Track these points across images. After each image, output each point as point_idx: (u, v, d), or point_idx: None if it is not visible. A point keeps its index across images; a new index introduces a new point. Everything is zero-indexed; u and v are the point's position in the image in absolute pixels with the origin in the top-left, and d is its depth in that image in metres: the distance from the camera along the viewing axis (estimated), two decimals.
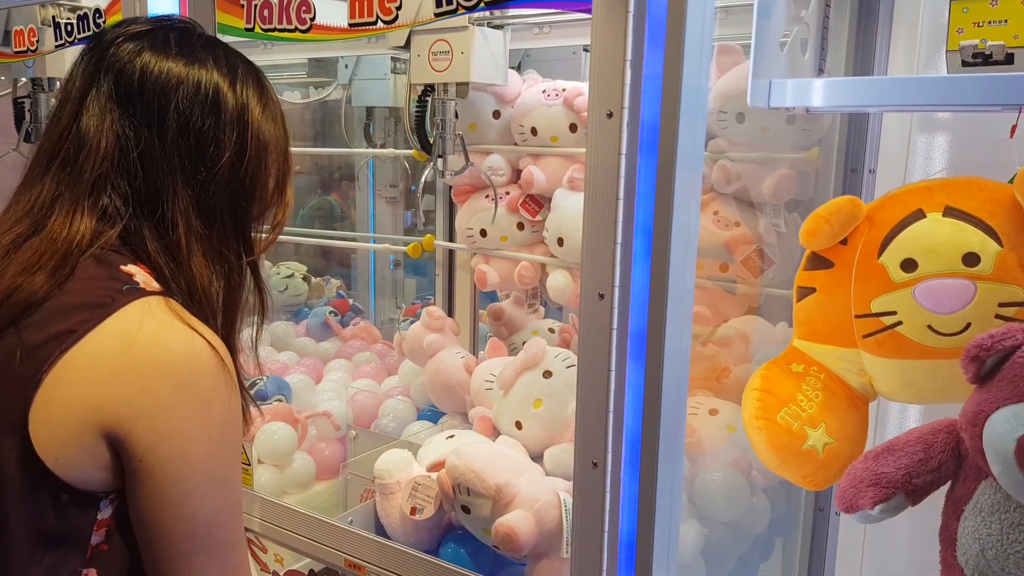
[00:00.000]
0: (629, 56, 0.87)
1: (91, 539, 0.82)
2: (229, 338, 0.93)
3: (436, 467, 1.28)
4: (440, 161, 1.48)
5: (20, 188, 0.89)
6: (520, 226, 1.74)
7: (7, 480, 0.78)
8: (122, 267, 0.84)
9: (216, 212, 0.90)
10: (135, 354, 0.79)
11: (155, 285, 0.85)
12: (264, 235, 1.00)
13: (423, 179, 1.61)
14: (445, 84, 1.37)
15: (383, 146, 2.55)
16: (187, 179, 0.87)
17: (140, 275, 0.85)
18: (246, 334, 0.99)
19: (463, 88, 1.39)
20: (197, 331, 0.82)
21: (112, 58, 0.88)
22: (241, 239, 0.94)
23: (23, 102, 1.82)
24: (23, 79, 1.84)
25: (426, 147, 1.49)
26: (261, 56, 1.98)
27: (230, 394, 0.84)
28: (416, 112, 1.45)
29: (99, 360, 0.78)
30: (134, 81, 0.87)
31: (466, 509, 1.20)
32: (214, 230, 0.90)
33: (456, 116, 1.46)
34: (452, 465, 1.20)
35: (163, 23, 0.92)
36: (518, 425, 1.41)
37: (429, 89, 1.42)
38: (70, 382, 0.78)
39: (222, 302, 0.92)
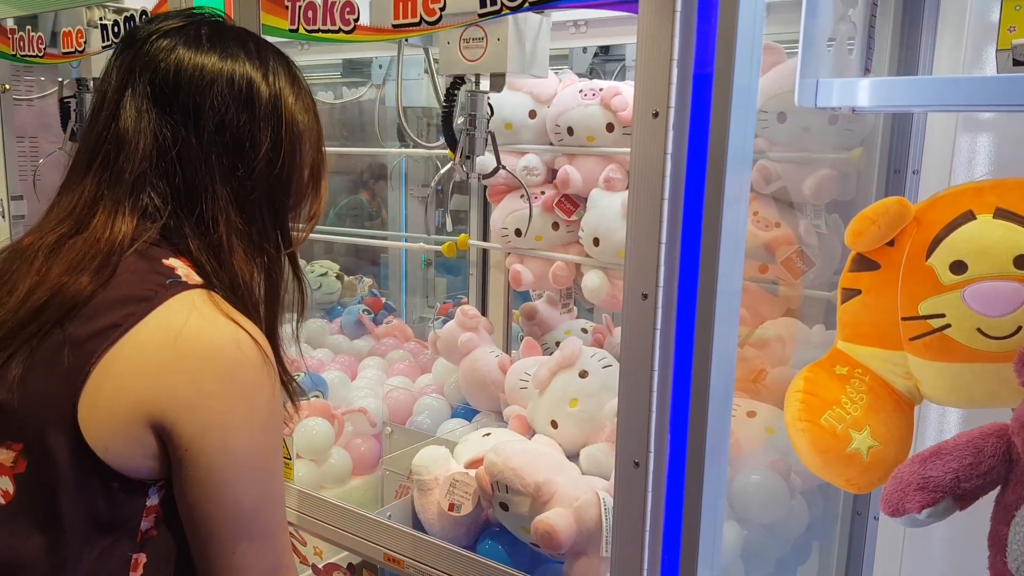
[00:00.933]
0: (676, 55, 0.87)
1: (141, 525, 0.84)
2: (271, 331, 0.94)
3: (474, 464, 1.28)
4: (467, 162, 1.36)
5: (62, 189, 0.91)
6: (555, 226, 1.74)
7: (60, 470, 0.80)
8: (164, 261, 0.86)
9: (255, 207, 0.90)
10: (180, 347, 0.80)
11: (196, 278, 0.86)
12: (301, 227, 1.00)
13: (436, 178, 1.48)
14: (478, 75, 1.23)
15: (415, 146, 2.56)
16: (225, 176, 0.88)
17: (182, 268, 0.86)
18: (287, 327, 1.00)
19: (498, 80, 1.23)
20: (240, 324, 0.84)
21: (146, 57, 0.88)
22: (279, 232, 0.95)
23: (68, 102, 1.86)
24: (67, 79, 1.88)
25: (454, 146, 1.37)
26: (296, 56, 2.01)
27: (272, 386, 0.85)
28: (444, 108, 1.33)
29: (145, 353, 0.80)
30: (168, 79, 0.87)
31: (504, 506, 1.20)
32: (254, 226, 0.91)
33: (491, 112, 1.33)
34: (491, 462, 1.21)
35: (195, 18, 0.92)
36: (554, 424, 1.41)
37: (459, 81, 1.28)
38: (117, 374, 0.80)
39: (263, 295, 0.93)
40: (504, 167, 1.45)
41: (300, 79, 0.95)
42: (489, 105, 1.33)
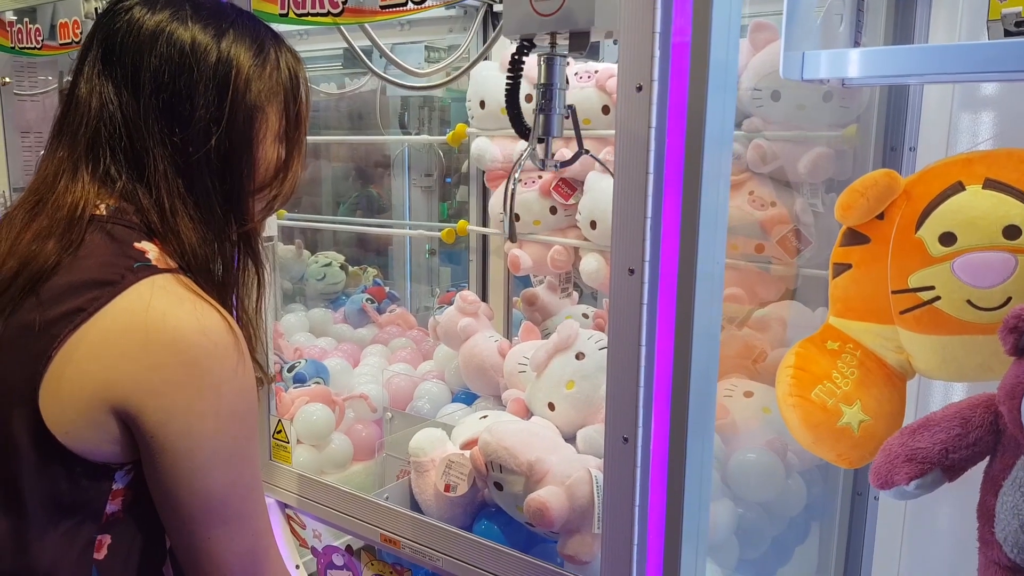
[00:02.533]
0: (658, 28, 0.87)
1: (106, 508, 0.84)
2: (229, 308, 0.91)
3: (469, 445, 1.29)
4: (540, 146, 1.11)
5: (43, 155, 0.91)
6: (553, 210, 1.74)
7: (20, 453, 0.80)
8: (135, 244, 0.84)
9: (197, 175, 0.87)
10: (144, 334, 0.79)
11: (168, 262, 0.85)
12: (259, 208, 0.96)
13: (515, 167, 1.16)
14: (554, 34, 1.00)
15: (417, 135, 2.57)
16: (163, 140, 0.85)
17: (153, 252, 0.85)
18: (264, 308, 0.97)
19: (581, 39, 0.99)
20: (211, 308, 0.82)
21: (104, 19, 0.88)
22: (232, 207, 0.91)
23: None
24: (68, 74, 1.89)
25: (521, 129, 1.13)
26: (296, 46, 2.01)
27: (242, 371, 0.83)
28: (509, 82, 1.08)
29: (108, 338, 0.79)
30: (116, 40, 0.86)
31: (499, 486, 1.21)
32: (198, 195, 0.88)
33: (567, 83, 1.08)
34: (485, 442, 1.21)
35: None
36: (551, 406, 1.41)
37: (526, 45, 1.04)
38: (80, 359, 0.78)
39: (218, 271, 0.90)
40: (587, 151, 1.21)
41: (273, 52, 0.91)
42: (566, 77, 1.09)
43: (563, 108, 1.07)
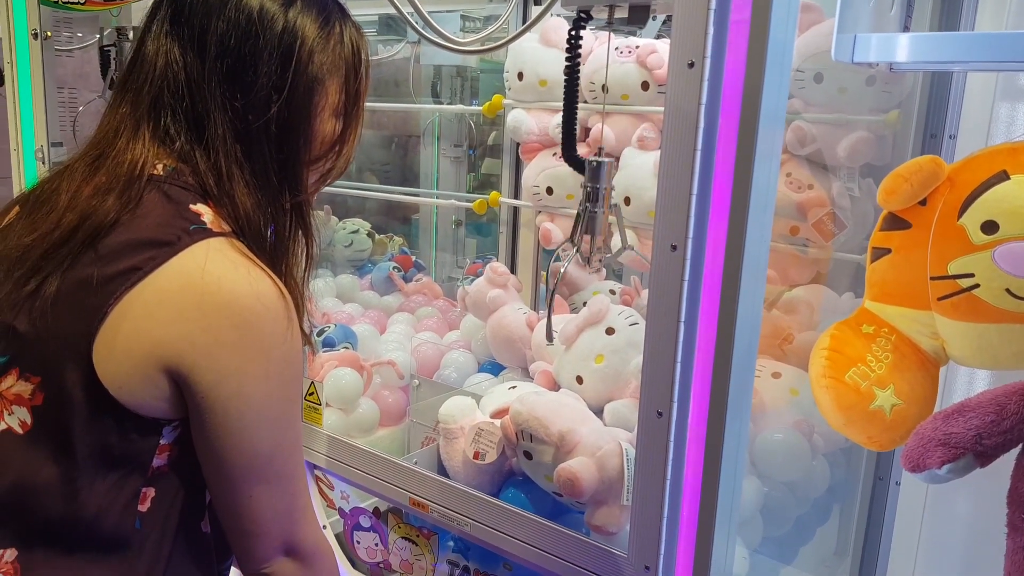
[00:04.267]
0: (714, 5, 0.87)
1: (152, 462, 0.86)
2: (280, 277, 0.91)
3: (499, 414, 1.30)
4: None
5: (105, 110, 0.93)
6: None
7: (74, 405, 0.81)
8: (191, 206, 0.85)
9: (255, 142, 0.88)
10: (199, 295, 0.80)
11: (223, 226, 0.86)
12: (313, 180, 0.97)
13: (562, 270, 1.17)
14: (612, 6, 0.98)
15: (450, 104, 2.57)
16: (225, 105, 0.86)
17: (208, 215, 0.86)
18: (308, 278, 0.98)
19: (641, 13, 0.97)
20: (262, 270, 0.84)
21: None
22: (286, 176, 0.91)
23: (109, 50, 1.89)
24: (108, 28, 1.91)
25: (573, 154, 1.15)
26: None
27: (291, 337, 0.85)
28: (568, 60, 1.08)
29: (164, 298, 0.80)
30: (186, 2, 0.87)
31: (528, 455, 1.23)
32: (254, 162, 0.88)
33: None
34: (516, 412, 1.23)
35: None
36: (579, 380, 1.43)
37: (584, 18, 1.01)
38: (135, 317, 0.80)
39: (270, 238, 0.91)
40: (632, 247, 1.24)
41: (337, 24, 0.92)
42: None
43: (609, 207, 1.11)
